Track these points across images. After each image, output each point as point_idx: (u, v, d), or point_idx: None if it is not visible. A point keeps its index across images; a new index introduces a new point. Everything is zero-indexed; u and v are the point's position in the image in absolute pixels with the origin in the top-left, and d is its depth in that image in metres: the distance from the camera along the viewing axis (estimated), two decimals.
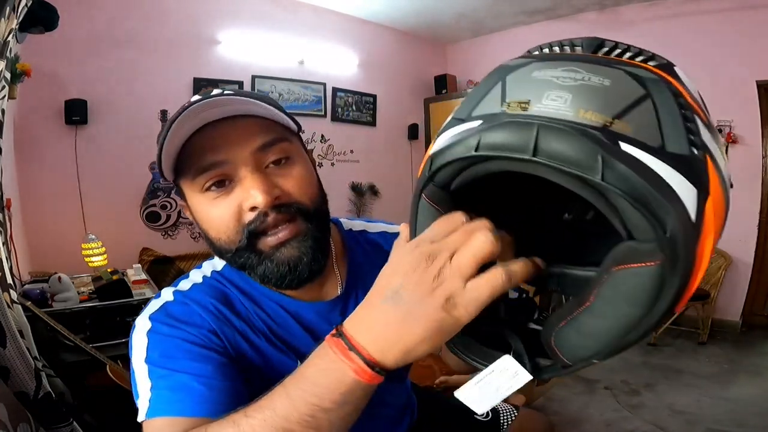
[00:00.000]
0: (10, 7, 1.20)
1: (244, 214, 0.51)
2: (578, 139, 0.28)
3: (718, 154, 0.30)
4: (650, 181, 0.27)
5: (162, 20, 2.81)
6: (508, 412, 0.96)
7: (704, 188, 0.29)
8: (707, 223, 0.29)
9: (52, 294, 1.81)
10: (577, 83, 0.30)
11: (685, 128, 0.29)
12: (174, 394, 0.46)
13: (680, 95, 0.30)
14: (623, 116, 0.29)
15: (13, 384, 1.05)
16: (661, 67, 0.33)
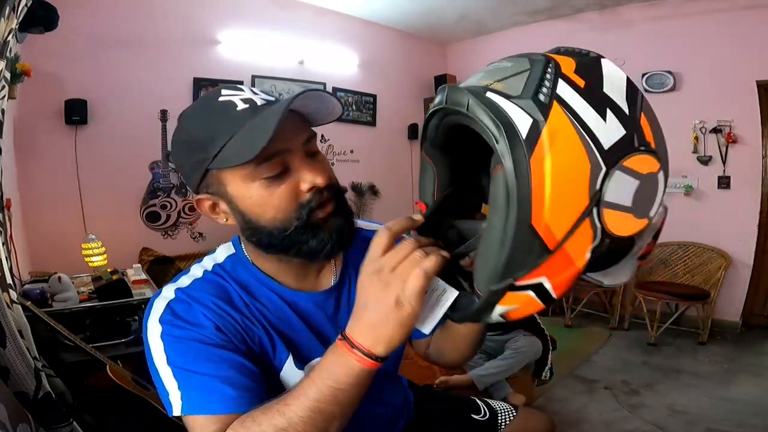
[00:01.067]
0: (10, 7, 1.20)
1: (301, 195, 0.58)
2: (461, 92, 0.44)
3: (578, 105, 0.41)
4: (494, 110, 0.41)
5: (162, 20, 2.81)
6: (506, 412, 0.95)
7: (541, 119, 0.40)
8: (541, 144, 0.39)
9: (52, 294, 1.81)
10: (491, 66, 0.48)
11: (537, 85, 0.41)
12: (204, 395, 0.54)
13: (556, 68, 0.43)
14: (501, 80, 0.43)
15: (13, 384, 1.05)
16: (568, 53, 0.46)
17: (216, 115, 0.58)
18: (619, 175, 0.41)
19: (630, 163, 0.41)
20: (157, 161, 2.86)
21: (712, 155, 3.08)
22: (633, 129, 0.42)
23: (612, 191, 0.40)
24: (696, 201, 3.20)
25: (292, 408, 0.49)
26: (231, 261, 0.67)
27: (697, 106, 3.11)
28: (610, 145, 0.41)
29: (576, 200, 0.40)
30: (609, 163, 0.40)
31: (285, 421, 0.49)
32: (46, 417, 1.13)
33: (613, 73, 0.45)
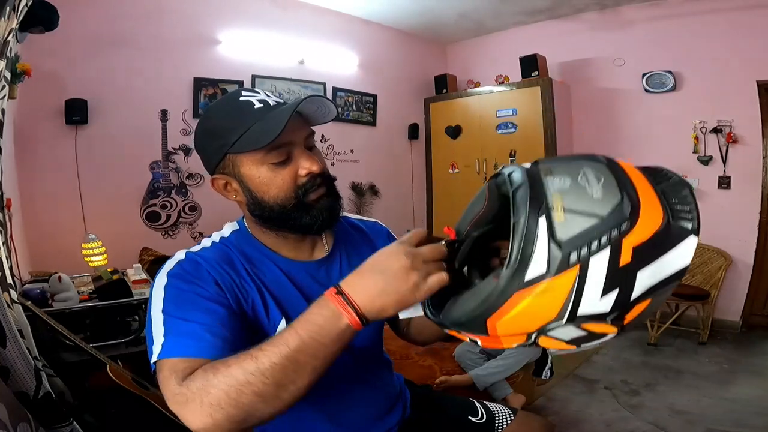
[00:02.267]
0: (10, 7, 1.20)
1: (299, 179, 0.71)
2: (524, 192, 0.45)
3: (594, 278, 0.42)
4: (527, 237, 0.43)
5: (162, 20, 2.81)
6: (503, 416, 0.96)
7: (551, 274, 0.43)
8: (531, 289, 0.43)
9: (52, 294, 1.81)
10: (584, 182, 0.44)
11: (584, 242, 0.42)
12: (184, 339, 0.58)
13: (622, 232, 0.42)
14: (568, 212, 0.43)
15: (13, 384, 1.05)
16: (672, 210, 0.45)
17: (237, 110, 0.69)
18: (571, 328, 0.45)
19: (588, 326, 0.45)
20: (157, 161, 2.86)
21: (713, 155, 3.08)
22: (620, 310, 0.44)
23: (558, 333, 0.46)
24: None
25: (266, 354, 0.50)
26: (236, 235, 0.77)
27: (697, 106, 3.12)
28: (584, 314, 0.44)
29: (525, 327, 0.46)
30: (570, 319, 0.44)
31: (255, 366, 0.49)
32: (47, 417, 1.13)
33: (675, 259, 0.43)
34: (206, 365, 0.52)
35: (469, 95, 3.97)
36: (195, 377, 0.51)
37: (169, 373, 0.53)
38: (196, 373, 0.52)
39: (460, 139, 4.05)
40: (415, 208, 4.38)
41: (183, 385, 0.51)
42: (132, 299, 1.93)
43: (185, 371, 0.53)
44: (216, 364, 0.51)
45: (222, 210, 2.98)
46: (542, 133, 3.46)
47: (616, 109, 3.52)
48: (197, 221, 3.04)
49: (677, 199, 0.44)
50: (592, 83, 3.61)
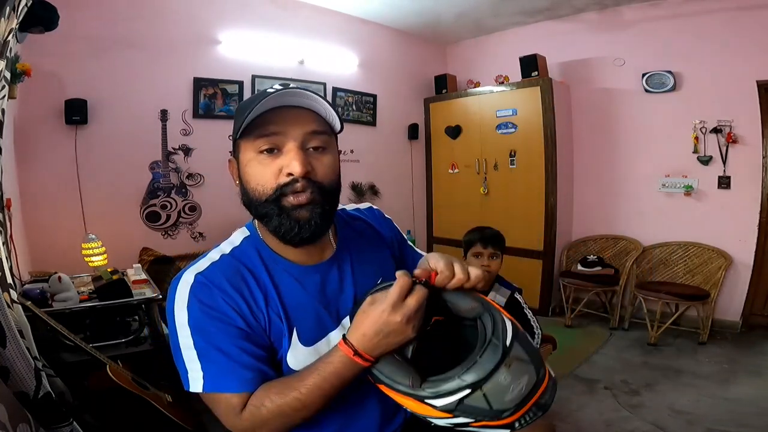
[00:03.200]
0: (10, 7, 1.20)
1: (281, 176, 0.68)
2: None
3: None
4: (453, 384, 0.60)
5: (162, 20, 2.81)
6: None
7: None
8: (403, 397, 0.64)
9: (52, 294, 1.81)
10: (507, 384, 0.60)
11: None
12: (227, 377, 0.65)
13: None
14: (485, 394, 0.60)
15: (13, 384, 1.05)
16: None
17: (253, 99, 0.68)
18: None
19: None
20: (157, 161, 2.86)
21: (713, 155, 3.08)
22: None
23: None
24: (696, 201, 3.20)
25: (306, 394, 0.64)
26: (247, 243, 0.76)
27: (697, 106, 3.12)
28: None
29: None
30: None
31: (300, 404, 0.64)
32: (46, 417, 1.13)
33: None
34: (256, 400, 0.65)
35: (469, 95, 3.97)
36: (249, 413, 0.65)
37: (226, 409, 0.66)
38: (249, 408, 0.65)
39: (460, 139, 4.05)
40: (415, 208, 4.38)
41: (242, 419, 0.65)
42: (132, 299, 1.93)
43: (239, 405, 0.65)
44: (265, 401, 0.64)
45: (222, 210, 3.01)
46: (542, 133, 3.46)
47: (616, 109, 3.52)
48: (197, 221, 3.04)
49: (531, 414, 0.61)
50: (592, 83, 3.61)
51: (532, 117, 3.52)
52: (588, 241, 3.68)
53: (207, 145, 2.99)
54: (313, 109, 0.70)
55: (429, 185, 4.40)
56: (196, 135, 2.97)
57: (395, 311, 0.61)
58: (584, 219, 3.77)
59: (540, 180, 3.51)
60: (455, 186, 4.12)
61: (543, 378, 0.62)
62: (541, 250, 3.56)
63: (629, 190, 3.52)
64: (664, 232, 3.32)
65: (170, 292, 0.70)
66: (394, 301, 0.61)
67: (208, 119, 3.02)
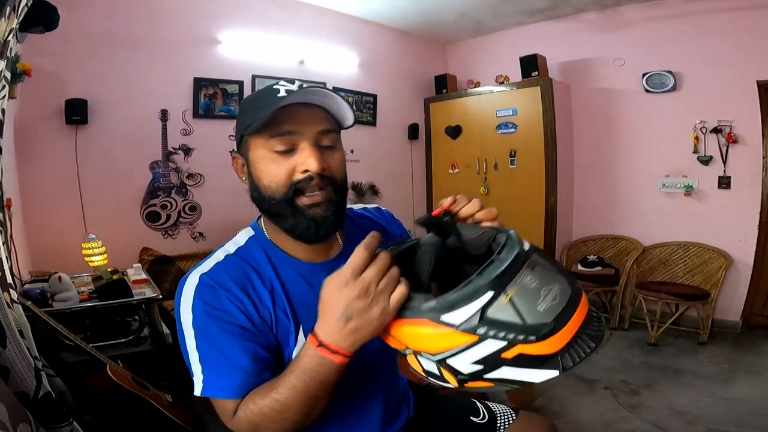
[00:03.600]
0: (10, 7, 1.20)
1: (295, 174, 0.68)
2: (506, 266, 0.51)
3: (480, 354, 0.50)
4: (472, 292, 0.49)
5: (162, 20, 2.81)
6: (505, 416, 0.95)
7: (459, 328, 0.50)
8: (440, 326, 0.51)
9: (52, 294, 1.81)
10: (536, 296, 0.51)
11: (498, 332, 0.49)
12: (225, 381, 0.65)
13: (528, 342, 0.50)
14: (514, 302, 0.49)
15: (13, 384, 1.05)
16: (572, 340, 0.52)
17: (262, 96, 0.69)
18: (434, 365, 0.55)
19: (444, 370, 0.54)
20: (157, 161, 2.86)
21: (713, 155, 3.08)
22: (471, 378, 0.53)
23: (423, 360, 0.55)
24: (696, 201, 3.19)
25: (287, 396, 0.60)
26: (252, 242, 0.75)
27: (697, 106, 3.11)
28: (451, 364, 0.53)
29: (411, 345, 0.55)
30: (439, 360, 0.54)
31: (283, 408, 0.60)
32: (47, 417, 1.13)
33: (529, 375, 0.52)
34: (244, 403, 0.64)
35: (469, 95, 3.97)
36: (240, 416, 0.65)
37: (222, 412, 0.67)
38: (240, 411, 0.65)
39: (460, 139, 4.05)
40: (415, 208, 4.38)
41: (235, 422, 0.65)
42: (132, 299, 1.94)
43: (233, 410, 0.66)
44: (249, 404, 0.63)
45: (222, 210, 3.01)
46: (542, 133, 3.46)
47: (616, 109, 3.52)
48: (197, 221, 3.04)
49: (583, 344, 0.51)
50: (592, 83, 3.61)
51: (532, 117, 3.52)
52: (588, 241, 3.68)
53: (207, 145, 2.99)
54: (326, 106, 0.69)
55: (429, 185, 4.40)
56: (197, 135, 2.97)
57: (353, 290, 0.54)
58: (584, 219, 3.77)
59: (540, 180, 3.51)
60: (455, 186, 4.12)
61: (579, 293, 0.52)
62: (541, 250, 3.56)
63: (629, 190, 3.52)
64: (664, 232, 3.32)
65: (177, 295, 0.70)
66: (346, 276, 0.54)
67: (208, 119, 3.02)
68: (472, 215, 0.68)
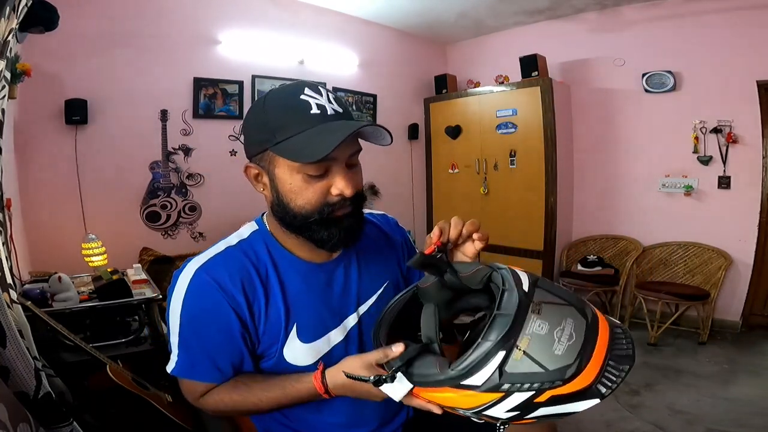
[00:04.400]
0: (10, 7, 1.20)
1: (329, 196, 0.70)
2: (505, 323, 0.51)
3: (510, 406, 0.51)
4: (485, 356, 0.50)
5: (162, 20, 2.81)
6: None
7: (480, 389, 0.51)
8: (443, 389, 0.56)
9: (52, 294, 1.81)
10: (556, 338, 0.50)
11: (522, 385, 0.50)
12: (199, 367, 0.72)
13: (553, 387, 0.51)
14: (527, 357, 0.49)
15: (13, 384, 1.05)
16: (602, 380, 0.51)
17: (292, 109, 0.67)
18: (472, 415, 0.56)
19: (483, 418, 0.56)
20: (157, 161, 2.86)
21: (713, 155, 3.08)
22: (512, 422, 0.55)
23: (460, 412, 0.56)
24: (696, 201, 3.20)
25: (265, 401, 0.72)
26: (255, 236, 0.77)
27: (697, 106, 3.11)
28: (488, 414, 0.54)
29: (442, 404, 0.59)
30: (474, 414, 0.56)
31: (256, 408, 0.73)
32: (47, 417, 1.13)
33: (569, 408, 0.51)
34: (218, 395, 0.74)
35: (469, 95, 3.97)
36: (209, 400, 0.74)
37: (188, 390, 0.76)
38: (209, 397, 0.74)
39: (460, 139, 4.05)
40: (415, 208, 4.38)
41: (201, 402, 0.75)
42: (132, 299, 1.93)
43: (201, 393, 0.74)
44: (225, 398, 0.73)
45: (222, 210, 3.01)
46: (542, 133, 3.46)
47: (616, 109, 3.52)
48: (197, 221, 3.04)
49: (613, 369, 0.50)
50: (592, 83, 3.61)
51: (532, 117, 3.52)
52: (588, 241, 3.68)
53: (207, 145, 2.99)
54: (382, 136, 0.72)
55: (429, 185, 4.40)
56: (196, 135, 2.97)
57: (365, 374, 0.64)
58: (584, 219, 3.77)
59: (540, 180, 3.51)
60: (455, 186, 4.12)
61: (595, 320, 0.51)
62: (541, 249, 3.56)
63: (629, 190, 3.52)
64: (664, 232, 3.32)
65: (173, 280, 0.73)
66: (367, 362, 0.65)
67: (208, 119, 3.02)
68: (460, 234, 0.70)
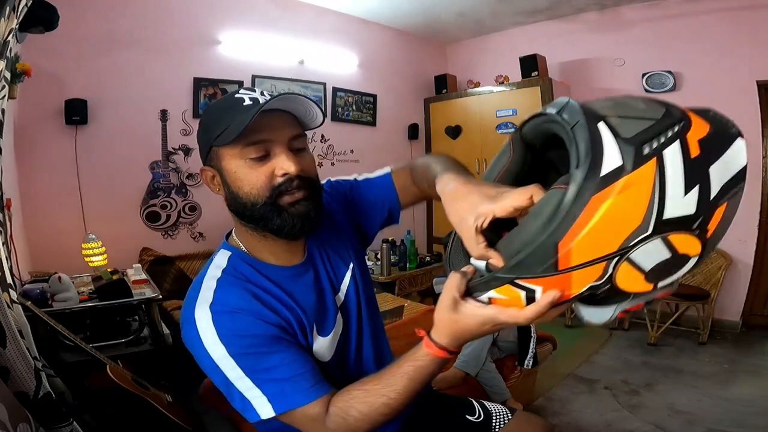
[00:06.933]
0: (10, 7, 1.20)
1: (275, 178, 0.69)
2: (576, 112, 0.43)
3: (673, 171, 0.39)
4: (594, 140, 0.40)
5: (162, 20, 2.81)
6: (501, 415, 0.96)
7: (628, 167, 0.39)
8: (613, 188, 0.38)
9: (52, 294, 1.81)
10: (626, 100, 0.44)
11: (651, 137, 0.40)
12: (292, 387, 0.65)
13: (682, 129, 0.41)
14: (623, 118, 0.41)
15: (13, 384, 1.05)
16: (709, 119, 0.43)
17: (227, 106, 0.69)
18: (657, 243, 0.40)
19: (674, 239, 0.41)
20: (157, 161, 2.86)
21: None
22: (704, 212, 0.41)
23: (641, 253, 0.41)
24: None
25: (393, 399, 0.64)
26: (233, 260, 0.74)
27: (697, 106, 3.11)
28: (670, 217, 0.40)
29: (606, 244, 0.41)
30: (656, 230, 0.40)
31: (387, 400, 0.64)
32: (46, 417, 1.13)
33: (735, 156, 0.44)
34: (340, 409, 0.65)
35: (469, 95, 3.97)
36: (337, 423, 0.65)
37: (307, 422, 0.66)
38: (331, 420, 0.65)
39: (460, 139, 4.05)
40: (415, 208, 4.37)
41: (328, 428, 0.65)
42: (132, 299, 1.93)
43: (320, 414, 0.65)
44: (351, 411, 0.64)
45: (222, 210, 2.99)
46: None
47: None
48: (197, 221, 3.04)
49: (713, 114, 0.44)
50: (592, 83, 3.61)
51: None
52: None
53: None
54: (295, 112, 0.71)
55: None
56: (196, 135, 2.97)
57: (487, 326, 0.57)
58: None
59: None
60: None
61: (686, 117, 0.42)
62: None
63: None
64: None
65: (191, 335, 0.66)
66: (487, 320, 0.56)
67: None
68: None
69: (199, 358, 0.67)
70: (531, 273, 0.44)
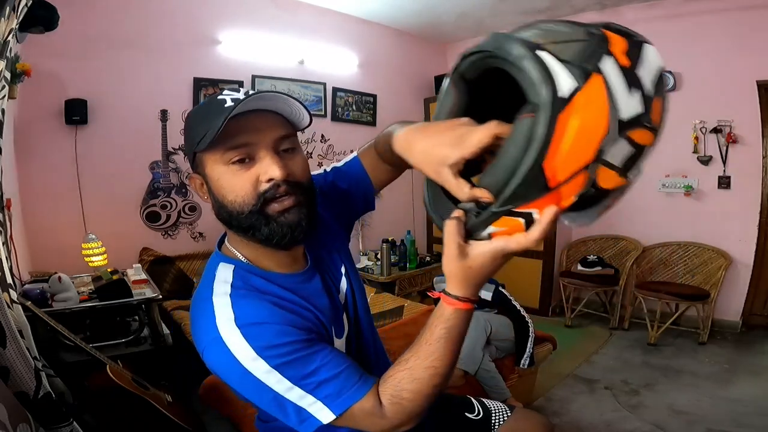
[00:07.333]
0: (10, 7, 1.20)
1: (260, 185, 0.65)
2: (513, 42, 0.47)
3: (615, 81, 0.45)
4: (543, 68, 0.45)
5: (162, 20, 2.81)
6: (500, 413, 0.96)
7: (581, 85, 0.44)
8: (574, 104, 0.44)
9: (52, 294, 1.81)
10: (545, 26, 0.49)
11: (589, 56, 0.46)
12: (342, 384, 0.62)
13: (608, 45, 0.47)
14: (557, 43, 0.46)
15: (13, 384, 1.05)
16: (619, 33, 0.49)
17: (208, 110, 0.64)
18: (622, 143, 0.47)
19: (633, 135, 0.48)
20: (157, 161, 2.86)
21: (712, 155, 3.08)
22: (647, 108, 0.48)
23: (611, 153, 0.47)
24: (696, 201, 3.20)
25: (438, 366, 0.62)
26: (239, 273, 0.68)
27: (697, 106, 3.11)
28: (627, 118, 0.46)
29: (583, 154, 0.47)
30: (620, 130, 0.47)
31: (429, 362, 0.62)
32: (46, 417, 1.13)
33: (652, 58, 0.50)
34: (391, 395, 0.62)
35: None
36: (394, 410, 0.62)
37: (365, 417, 0.63)
38: (390, 407, 0.62)
39: None
40: (415, 208, 4.38)
41: (387, 417, 0.62)
42: (132, 299, 1.94)
43: (374, 405, 0.62)
44: (403, 393, 0.62)
45: None
46: None
47: None
48: (197, 221, 3.04)
49: (616, 27, 0.50)
50: None
51: None
52: (588, 241, 3.68)
53: None
54: (279, 110, 0.67)
55: None
56: None
57: (500, 258, 0.57)
58: None
59: None
60: None
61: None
62: (541, 249, 3.56)
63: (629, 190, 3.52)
64: (664, 232, 3.32)
65: (223, 358, 0.61)
66: (496, 252, 0.56)
67: None
68: None
69: (238, 382, 0.62)
70: (527, 199, 0.49)
